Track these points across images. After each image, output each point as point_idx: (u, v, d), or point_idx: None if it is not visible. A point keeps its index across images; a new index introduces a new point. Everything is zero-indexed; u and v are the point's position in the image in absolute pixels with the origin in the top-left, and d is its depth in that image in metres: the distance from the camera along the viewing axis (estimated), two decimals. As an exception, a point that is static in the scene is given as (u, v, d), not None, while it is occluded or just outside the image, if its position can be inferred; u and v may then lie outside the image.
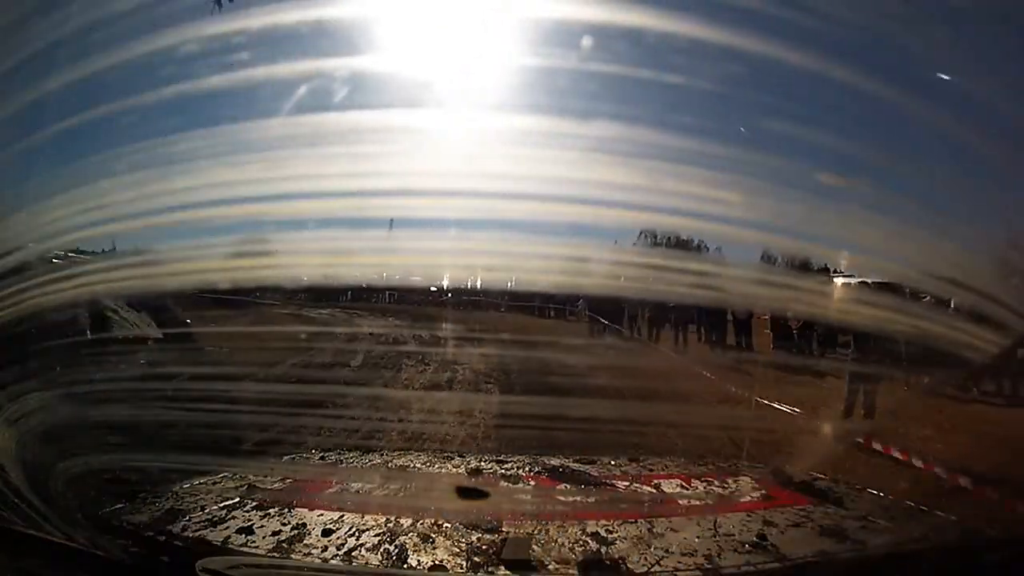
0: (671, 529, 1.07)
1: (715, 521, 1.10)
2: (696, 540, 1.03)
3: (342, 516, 1.10)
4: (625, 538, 1.03)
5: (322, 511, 1.13)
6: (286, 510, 1.13)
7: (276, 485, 1.35)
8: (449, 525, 1.06)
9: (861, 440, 3.35)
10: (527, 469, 1.42)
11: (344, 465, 1.55)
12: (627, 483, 1.36)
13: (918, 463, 3.18)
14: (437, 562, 0.95)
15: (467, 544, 1.00)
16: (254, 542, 1.01)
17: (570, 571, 0.94)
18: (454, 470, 1.44)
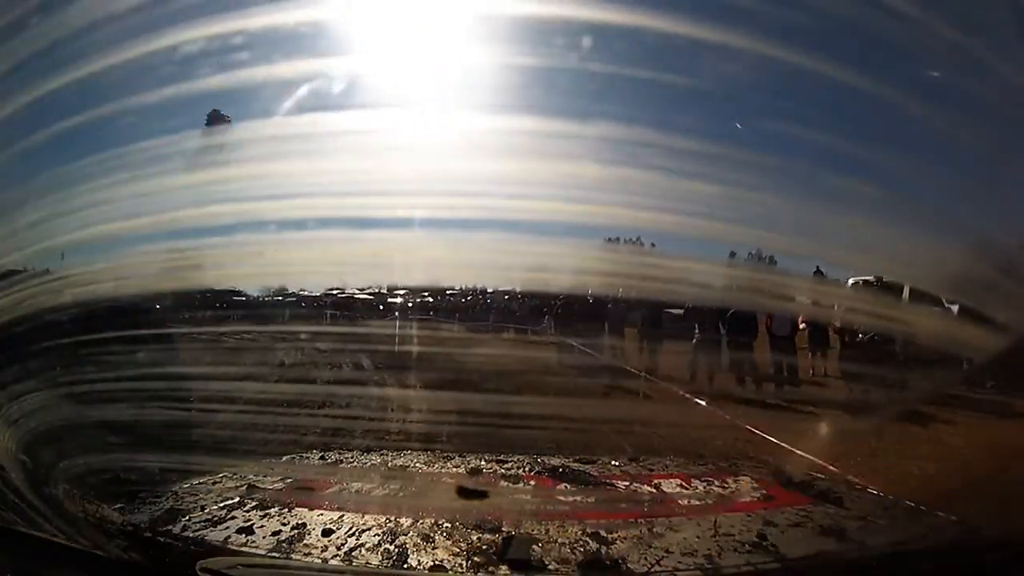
0: (671, 529, 1.07)
1: (715, 521, 1.10)
2: (696, 540, 1.03)
3: (342, 516, 1.10)
4: (625, 538, 1.03)
5: (322, 511, 1.13)
6: (286, 510, 1.13)
7: (276, 485, 1.35)
8: (449, 525, 1.06)
9: None
10: (527, 469, 1.42)
11: (344, 465, 1.55)
12: (627, 483, 1.36)
13: None
14: (437, 562, 0.96)
15: (467, 544, 1.00)
16: (254, 542, 1.01)
17: (570, 571, 0.94)
18: (454, 470, 1.44)
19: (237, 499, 1.19)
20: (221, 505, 1.16)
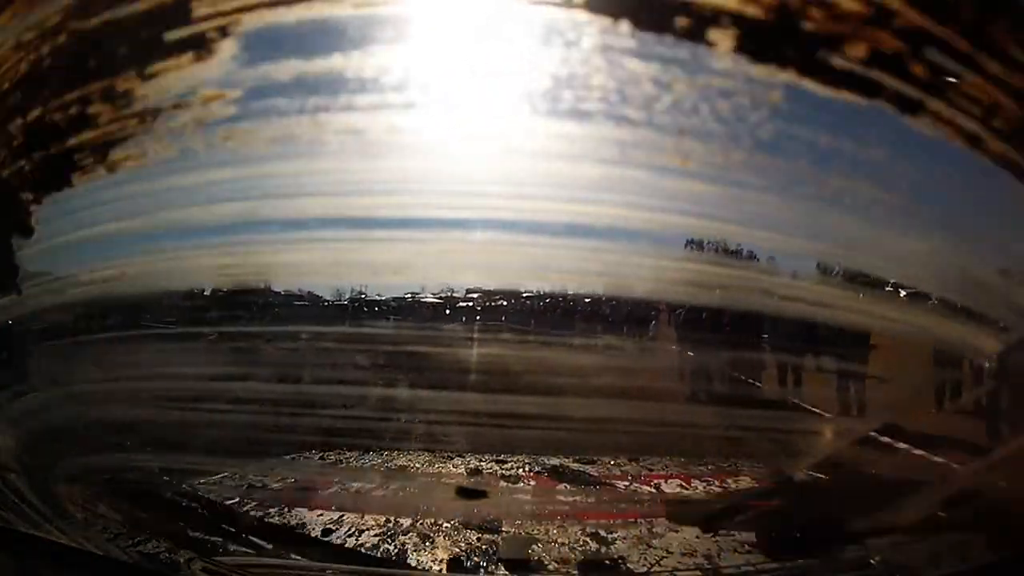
0: (671, 529, 1.07)
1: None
2: (696, 540, 1.03)
3: (342, 516, 1.10)
4: (625, 538, 1.03)
5: (322, 511, 1.13)
6: (286, 510, 1.14)
7: (276, 485, 1.35)
8: (449, 525, 1.07)
9: None
10: (527, 469, 1.42)
11: (344, 465, 1.55)
12: (627, 483, 1.36)
13: None
14: (437, 562, 0.96)
15: (467, 544, 1.01)
16: (254, 542, 1.01)
17: (570, 571, 0.94)
18: (454, 470, 1.44)
19: (237, 499, 1.20)
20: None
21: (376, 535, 1.03)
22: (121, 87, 0.89)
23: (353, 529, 1.05)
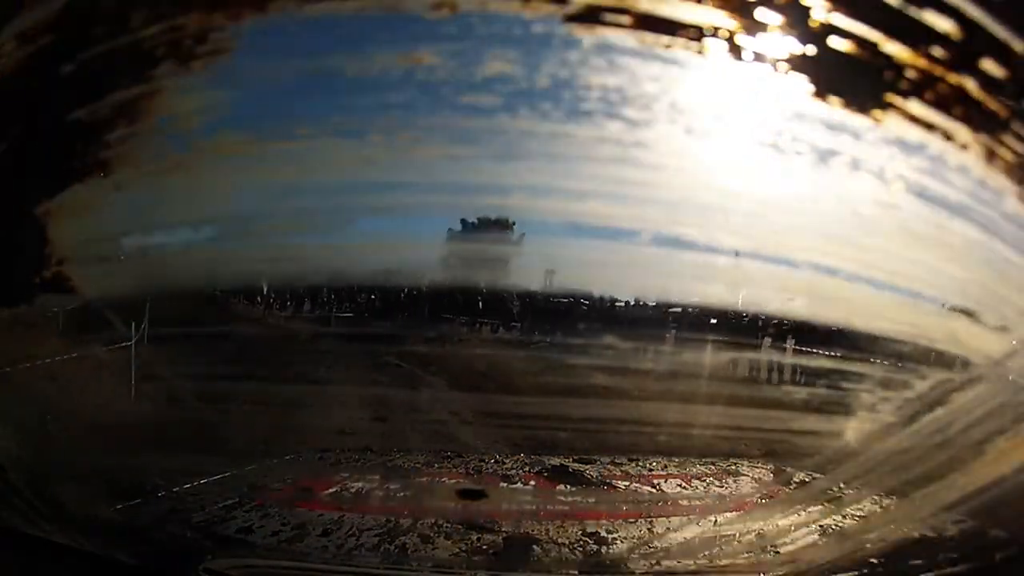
0: (671, 529, 1.07)
1: (715, 521, 1.10)
2: (696, 540, 1.03)
3: (342, 516, 1.10)
4: (625, 538, 1.03)
5: (322, 511, 1.13)
6: (286, 510, 1.13)
7: (276, 485, 1.35)
8: (449, 525, 1.06)
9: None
10: (527, 469, 1.42)
11: (344, 465, 1.55)
12: (627, 483, 1.36)
13: None
14: (437, 562, 0.96)
15: (467, 544, 1.00)
16: (254, 542, 1.01)
17: (570, 571, 0.94)
18: (454, 470, 1.44)
19: (237, 499, 1.19)
20: (221, 505, 1.16)
21: (376, 535, 1.03)
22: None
23: (353, 529, 1.05)
